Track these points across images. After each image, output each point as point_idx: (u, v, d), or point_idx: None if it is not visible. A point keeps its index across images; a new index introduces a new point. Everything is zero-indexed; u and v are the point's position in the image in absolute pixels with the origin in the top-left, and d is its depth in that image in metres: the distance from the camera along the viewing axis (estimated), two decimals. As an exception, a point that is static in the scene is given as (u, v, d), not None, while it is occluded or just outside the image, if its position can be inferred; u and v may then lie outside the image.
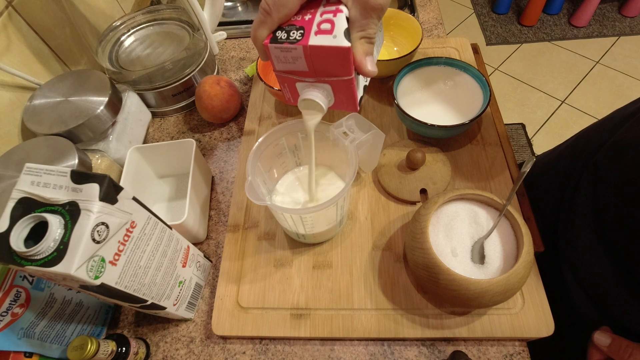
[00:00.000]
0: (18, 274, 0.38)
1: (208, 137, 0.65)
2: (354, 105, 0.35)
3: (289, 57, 0.31)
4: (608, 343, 0.39)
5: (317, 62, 0.31)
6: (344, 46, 0.29)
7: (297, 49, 0.30)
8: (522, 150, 1.57)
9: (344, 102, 0.35)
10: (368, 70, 0.31)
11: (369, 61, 0.31)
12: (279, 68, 0.33)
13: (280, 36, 0.31)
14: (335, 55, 0.30)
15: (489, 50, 1.95)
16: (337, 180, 0.50)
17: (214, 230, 0.56)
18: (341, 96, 0.34)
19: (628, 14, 1.95)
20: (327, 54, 0.30)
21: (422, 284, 0.44)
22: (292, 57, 0.31)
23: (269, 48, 0.31)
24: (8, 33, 0.56)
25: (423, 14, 0.77)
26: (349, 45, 0.29)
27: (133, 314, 0.50)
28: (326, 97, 0.34)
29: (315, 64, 0.31)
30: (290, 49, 0.30)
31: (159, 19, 0.70)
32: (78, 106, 0.54)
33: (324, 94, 0.34)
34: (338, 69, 0.31)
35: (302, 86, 0.34)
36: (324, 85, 0.33)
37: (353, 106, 0.35)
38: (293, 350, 0.45)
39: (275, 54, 0.32)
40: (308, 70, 0.32)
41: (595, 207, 0.46)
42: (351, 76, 0.31)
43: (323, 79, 0.33)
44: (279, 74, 0.34)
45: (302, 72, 0.32)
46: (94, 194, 0.30)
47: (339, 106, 0.35)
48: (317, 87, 0.34)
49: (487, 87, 0.54)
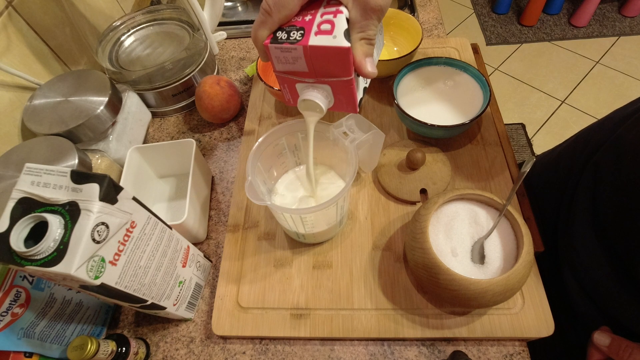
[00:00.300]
0: (18, 274, 0.38)
1: (208, 137, 0.65)
2: (354, 106, 0.35)
3: (289, 58, 0.31)
4: (608, 343, 0.39)
5: (317, 62, 0.31)
6: (343, 46, 0.29)
7: (297, 49, 0.30)
8: (522, 150, 1.57)
9: (344, 103, 0.35)
10: (368, 72, 0.31)
11: (369, 62, 0.31)
12: (279, 69, 0.33)
13: (280, 36, 0.31)
14: (335, 55, 0.30)
15: (489, 50, 1.95)
16: (337, 179, 0.50)
17: (214, 230, 0.56)
18: (341, 97, 0.34)
19: (628, 14, 1.95)
20: (327, 54, 0.30)
21: (422, 284, 0.44)
22: (292, 57, 0.31)
23: (269, 48, 0.31)
24: (8, 33, 0.56)
25: (423, 14, 0.77)
26: (349, 46, 0.30)
27: (133, 314, 0.50)
28: (326, 98, 0.34)
29: (315, 65, 0.31)
30: (290, 49, 0.30)
31: (159, 19, 0.70)
32: (78, 106, 0.54)
33: (324, 94, 0.34)
34: (338, 70, 0.31)
35: (302, 87, 0.34)
36: (323, 86, 0.33)
37: (353, 107, 0.35)
38: (293, 350, 0.45)
39: (275, 54, 0.32)
40: (308, 71, 0.32)
41: (594, 207, 0.46)
42: (351, 77, 0.32)
43: (323, 79, 0.33)
44: (279, 74, 0.34)
45: (302, 72, 0.33)
46: (94, 194, 0.30)
47: (339, 107, 0.35)
48: (317, 87, 0.34)
49: (487, 87, 0.54)
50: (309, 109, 0.35)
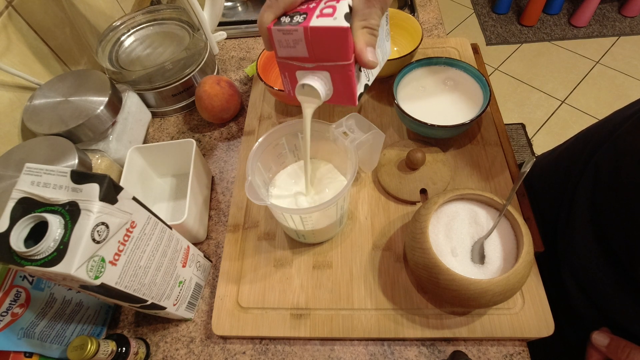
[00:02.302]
0: (18, 274, 0.38)
1: (208, 137, 0.65)
2: (352, 97, 0.34)
3: (290, 41, 0.32)
4: (606, 343, 0.39)
5: (317, 45, 0.31)
6: (342, 26, 0.30)
7: (297, 31, 0.31)
8: (522, 150, 1.57)
9: (342, 93, 0.34)
10: (367, 59, 0.31)
11: (370, 51, 0.31)
12: (281, 54, 0.34)
13: (283, 20, 0.32)
14: (334, 36, 0.30)
15: (489, 50, 1.95)
16: (338, 175, 0.50)
17: (214, 230, 0.56)
18: (339, 86, 0.34)
19: (628, 14, 1.95)
20: (327, 35, 0.30)
21: (422, 284, 0.43)
22: (293, 40, 0.32)
23: (272, 31, 0.32)
24: (8, 33, 0.56)
25: (423, 14, 0.77)
26: (348, 26, 0.30)
27: (133, 314, 0.50)
28: (324, 85, 0.34)
29: (315, 48, 0.32)
30: (292, 30, 0.31)
31: (159, 19, 0.70)
32: (78, 106, 0.54)
33: (323, 81, 0.34)
34: (337, 52, 0.31)
35: (301, 74, 0.35)
36: (323, 73, 0.34)
37: (351, 99, 0.35)
38: (293, 350, 0.45)
39: (278, 38, 0.32)
40: (308, 56, 0.33)
41: (594, 208, 0.46)
42: (349, 61, 0.32)
43: (322, 64, 0.33)
44: (281, 61, 0.34)
45: (302, 57, 0.33)
46: (94, 194, 0.30)
47: (338, 99, 0.35)
48: (316, 74, 0.34)
49: (487, 87, 0.54)
50: (307, 95, 0.35)
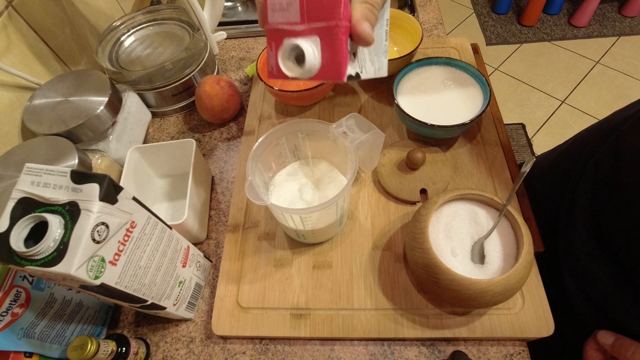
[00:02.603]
0: (18, 274, 0.38)
1: (208, 137, 0.65)
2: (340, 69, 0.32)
3: (284, 2, 0.31)
4: (611, 342, 0.39)
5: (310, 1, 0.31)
6: None
7: None
8: (522, 150, 1.57)
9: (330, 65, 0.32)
10: (362, 29, 0.30)
11: (366, 24, 0.30)
12: (272, 20, 0.33)
13: None
14: None
15: (489, 50, 1.95)
16: (338, 175, 0.50)
17: (214, 230, 0.56)
18: (328, 54, 0.32)
19: (628, 14, 1.95)
20: None
21: (422, 284, 0.43)
22: (287, 1, 0.31)
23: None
24: (8, 33, 0.56)
25: (423, 14, 0.77)
26: None
27: (133, 314, 0.50)
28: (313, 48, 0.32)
29: (308, 5, 0.31)
30: None
31: (159, 19, 0.70)
32: (78, 106, 0.54)
33: (311, 44, 0.32)
34: (329, 9, 0.30)
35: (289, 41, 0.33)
36: (313, 38, 0.32)
37: (338, 71, 0.32)
38: (293, 350, 0.45)
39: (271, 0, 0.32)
40: (300, 19, 0.32)
41: (594, 208, 0.46)
42: (341, 21, 0.30)
43: (314, 25, 0.32)
44: (270, 28, 0.33)
45: (294, 22, 0.32)
46: (94, 194, 0.30)
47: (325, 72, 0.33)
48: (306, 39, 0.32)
49: (487, 87, 0.54)
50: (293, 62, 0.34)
